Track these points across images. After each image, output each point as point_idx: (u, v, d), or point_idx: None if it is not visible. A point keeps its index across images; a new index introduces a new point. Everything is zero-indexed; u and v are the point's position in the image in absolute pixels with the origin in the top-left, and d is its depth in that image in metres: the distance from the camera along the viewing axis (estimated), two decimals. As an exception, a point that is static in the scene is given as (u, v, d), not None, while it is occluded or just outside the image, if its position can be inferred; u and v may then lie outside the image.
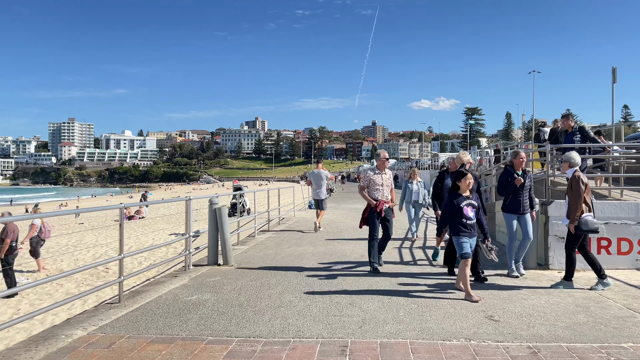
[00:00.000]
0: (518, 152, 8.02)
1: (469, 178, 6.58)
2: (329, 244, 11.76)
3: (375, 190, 8.45)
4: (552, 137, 21.25)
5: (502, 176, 8.00)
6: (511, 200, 7.91)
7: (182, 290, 7.07)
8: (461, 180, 6.60)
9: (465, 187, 6.59)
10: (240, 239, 12.35)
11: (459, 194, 6.62)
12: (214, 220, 8.98)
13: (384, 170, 8.59)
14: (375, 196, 8.44)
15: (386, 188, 8.55)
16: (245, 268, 8.70)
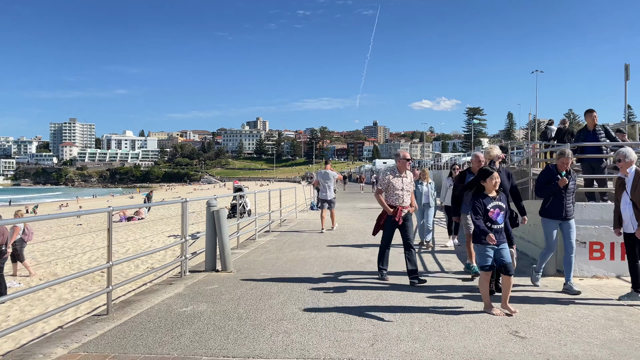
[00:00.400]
0: (564, 152, 7.04)
1: (495, 177, 5.81)
2: (333, 247, 11.24)
3: (393, 196, 7.57)
4: (558, 137, 20.78)
5: (543, 176, 7.20)
6: (552, 203, 7.00)
7: (176, 299, 6.54)
8: (487, 179, 5.83)
9: (492, 187, 5.83)
10: (240, 241, 11.83)
11: (484, 194, 5.85)
12: (212, 223, 8.46)
13: (404, 173, 7.68)
14: (393, 202, 7.56)
15: (406, 194, 7.63)
16: (245, 274, 8.18)
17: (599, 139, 9.66)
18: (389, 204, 7.57)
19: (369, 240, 12.22)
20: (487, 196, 5.82)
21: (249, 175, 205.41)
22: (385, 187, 7.64)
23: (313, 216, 19.46)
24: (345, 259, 9.59)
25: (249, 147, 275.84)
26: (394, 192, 7.58)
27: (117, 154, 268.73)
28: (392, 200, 7.57)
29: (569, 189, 6.95)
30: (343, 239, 12.53)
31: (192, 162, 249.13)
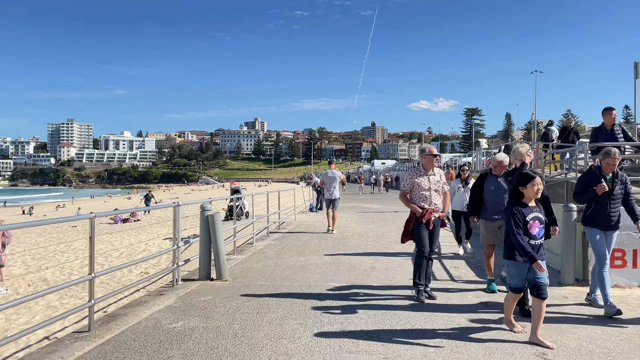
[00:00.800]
0: (610, 151, 6.16)
1: (537, 183, 4.83)
2: (334, 253, 10.69)
3: (419, 197, 6.69)
4: (563, 135, 20.28)
5: (583, 179, 6.42)
6: (594, 210, 6.25)
7: (166, 313, 6.00)
8: (527, 185, 4.85)
9: (533, 195, 4.86)
10: (237, 246, 11.29)
11: (523, 202, 4.89)
12: (206, 228, 7.91)
13: (431, 171, 6.79)
14: (421, 203, 6.68)
15: (435, 194, 6.72)
16: (242, 283, 7.63)
17: (617, 139, 9.15)
18: (417, 206, 6.70)
19: (371, 245, 11.70)
20: (526, 205, 4.88)
21: (247, 176, 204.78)
22: (409, 187, 6.76)
23: (312, 218, 18.94)
24: (347, 266, 9.05)
25: (247, 148, 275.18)
26: (420, 192, 6.69)
27: (115, 155, 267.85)
28: (419, 202, 6.70)
29: (615, 194, 6.14)
30: (344, 244, 12.00)
31: (190, 163, 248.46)
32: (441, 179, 6.86)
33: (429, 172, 6.78)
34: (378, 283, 7.63)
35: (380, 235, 13.53)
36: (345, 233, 14.10)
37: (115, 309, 6.73)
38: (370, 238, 13.03)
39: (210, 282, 7.72)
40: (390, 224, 16.59)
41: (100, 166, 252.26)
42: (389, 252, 10.70)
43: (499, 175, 7.05)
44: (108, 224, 29.81)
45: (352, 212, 21.80)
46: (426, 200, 6.67)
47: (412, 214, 6.73)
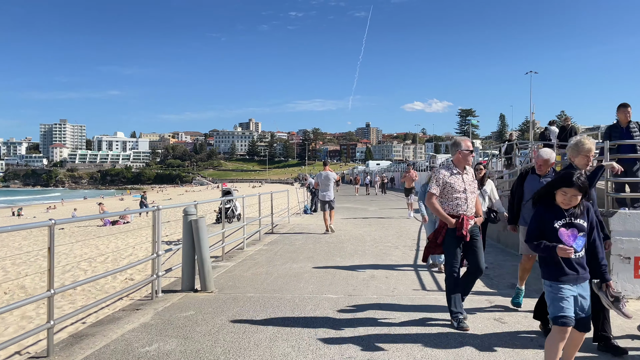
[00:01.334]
0: None
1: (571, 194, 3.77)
2: (330, 258, 9.99)
3: (452, 201, 5.50)
4: (562, 135, 19.68)
5: None
6: None
7: (139, 333, 5.27)
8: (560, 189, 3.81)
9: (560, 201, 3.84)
10: (226, 251, 10.56)
11: (555, 204, 3.86)
12: (189, 235, 7.18)
13: (465, 169, 5.66)
14: (454, 209, 5.49)
15: (470, 196, 5.57)
16: (228, 295, 6.91)
17: (633, 137, 8.50)
18: (449, 213, 5.51)
19: (369, 250, 11.00)
20: (558, 208, 3.86)
21: (241, 177, 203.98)
22: (440, 188, 5.54)
23: (307, 221, 18.23)
24: (344, 274, 8.34)
25: (242, 149, 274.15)
26: (453, 195, 5.50)
27: (108, 156, 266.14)
28: (450, 208, 5.51)
29: None
30: (340, 249, 11.29)
31: (184, 164, 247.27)
32: (474, 180, 5.78)
33: (462, 170, 5.61)
34: (379, 294, 6.93)
35: (377, 240, 12.84)
36: (341, 237, 13.40)
37: (85, 326, 6.00)
38: (367, 242, 12.33)
39: (193, 294, 7.00)
40: (387, 227, 15.90)
41: (93, 167, 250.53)
42: (388, 258, 10.00)
43: (542, 176, 5.96)
44: (97, 227, 28.99)
45: (348, 214, 21.10)
46: (461, 205, 5.49)
47: (442, 224, 5.52)
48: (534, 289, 7.32)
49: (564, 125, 19.99)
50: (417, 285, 7.53)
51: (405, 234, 14.04)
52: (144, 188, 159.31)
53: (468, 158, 5.60)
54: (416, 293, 7.02)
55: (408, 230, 14.79)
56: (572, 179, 3.75)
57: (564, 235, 3.83)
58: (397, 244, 11.93)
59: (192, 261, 7.19)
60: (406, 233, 14.19)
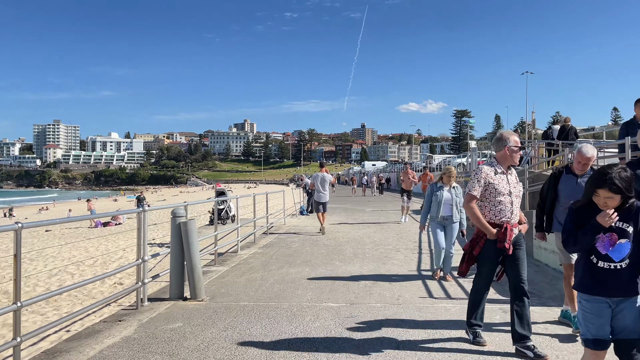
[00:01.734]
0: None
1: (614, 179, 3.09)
2: (329, 262, 9.47)
3: (495, 206, 4.63)
4: (562, 135, 19.25)
5: None
6: None
7: (120, 349, 4.72)
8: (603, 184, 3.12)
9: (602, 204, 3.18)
10: (218, 255, 10.02)
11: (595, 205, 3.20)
12: (178, 238, 6.64)
13: (509, 169, 4.80)
14: (497, 216, 4.61)
15: (515, 200, 4.70)
16: (220, 304, 6.37)
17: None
18: (490, 220, 4.64)
19: (369, 253, 10.47)
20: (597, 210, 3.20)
21: (236, 178, 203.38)
22: (481, 190, 4.65)
23: (303, 222, 17.70)
24: (344, 281, 7.81)
25: (237, 149, 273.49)
26: (496, 198, 4.61)
27: (102, 156, 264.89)
28: (492, 214, 4.63)
29: None
30: (339, 252, 10.76)
31: (178, 165, 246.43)
32: (519, 180, 4.90)
33: (506, 169, 4.75)
34: (383, 302, 6.41)
35: (377, 242, 12.32)
36: (339, 239, 12.87)
37: (60, 341, 5.45)
38: (367, 245, 11.82)
39: (182, 303, 6.45)
40: (386, 228, 15.39)
41: (87, 168, 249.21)
42: (390, 262, 9.48)
43: (580, 175, 5.27)
44: (88, 228, 28.35)
45: (345, 215, 20.58)
46: (505, 211, 4.61)
47: (480, 232, 4.67)
48: (548, 296, 6.83)
49: (564, 125, 19.56)
50: (424, 292, 7.01)
51: (406, 235, 13.54)
52: (138, 189, 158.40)
53: (515, 156, 4.71)
54: (423, 301, 6.51)
55: (408, 232, 14.29)
56: (603, 178, 3.12)
57: (598, 241, 3.21)
58: (398, 247, 11.42)
59: (181, 267, 6.65)
60: (406, 235, 13.68)
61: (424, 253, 10.50)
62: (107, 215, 6.72)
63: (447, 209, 8.06)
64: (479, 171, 4.72)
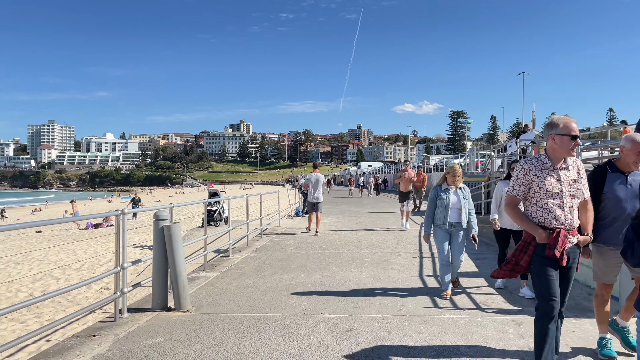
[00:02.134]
0: None
1: None
2: (325, 267, 8.93)
3: (543, 208, 3.77)
4: None
5: None
6: None
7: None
8: None
9: None
10: (208, 259, 9.48)
11: None
12: (161, 244, 6.09)
13: (563, 162, 3.85)
14: (546, 220, 3.75)
15: (570, 201, 3.81)
16: (207, 315, 5.83)
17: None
18: (543, 222, 3.76)
19: (368, 257, 9.94)
20: None
21: (232, 179, 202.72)
22: (524, 189, 3.84)
23: (299, 224, 17.15)
24: (342, 288, 7.28)
25: (232, 150, 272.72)
26: (543, 200, 3.76)
27: (97, 157, 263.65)
28: (542, 217, 3.76)
29: None
30: (336, 255, 10.23)
31: (174, 165, 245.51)
32: (582, 178, 3.92)
33: (557, 164, 3.82)
34: (385, 313, 5.87)
35: (376, 245, 11.80)
36: (336, 242, 12.34)
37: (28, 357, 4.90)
38: (365, 248, 11.29)
39: (165, 314, 5.90)
40: (385, 230, 14.87)
41: (82, 168, 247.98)
42: (390, 267, 8.95)
43: (628, 173, 4.43)
44: (79, 230, 27.73)
45: (342, 216, 20.06)
46: (556, 214, 3.73)
47: (528, 237, 3.82)
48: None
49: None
50: (428, 302, 6.48)
51: (405, 238, 13.02)
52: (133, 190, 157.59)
53: (566, 145, 3.73)
54: (428, 312, 5.98)
55: (407, 234, 13.78)
56: None
57: None
58: (397, 250, 10.90)
59: (164, 275, 6.10)
60: (405, 237, 13.17)
61: (425, 257, 9.99)
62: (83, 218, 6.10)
63: (454, 215, 6.94)
64: (519, 166, 3.90)
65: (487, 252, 10.68)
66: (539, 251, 3.73)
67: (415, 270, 8.63)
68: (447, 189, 7.06)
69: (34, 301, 4.68)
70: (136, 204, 37.20)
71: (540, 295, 3.74)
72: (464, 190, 7.09)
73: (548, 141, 3.84)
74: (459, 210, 6.95)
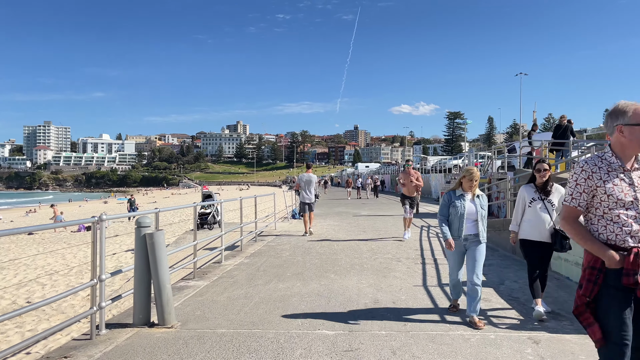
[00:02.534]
0: None
1: None
2: (323, 275, 8.41)
3: (614, 221, 2.89)
4: (558, 133, 18.32)
5: None
6: None
7: (54, 402, 3.66)
8: None
9: None
10: (199, 266, 8.96)
11: None
12: (143, 253, 5.56)
13: (636, 160, 2.99)
14: (618, 238, 2.87)
15: None
16: (193, 331, 5.30)
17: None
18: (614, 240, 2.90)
19: (367, 264, 9.41)
20: None
21: (229, 180, 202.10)
22: (587, 197, 2.99)
23: (295, 227, 16.62)
24: (342, 299, 6.76)
25: (229, 151, 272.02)
26: (614, 211, 2.90)
27: (94, 158, 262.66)
28: (612, 234, 2.90)
29: None
30: (334, 262, 9.71)
31: (170, 166, 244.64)
32: None
33: (629, 163, 2.97)
34: (388, 329, 5.36)
35: (375, 250, 11.29)
36: (334, 247, 11.81)
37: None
38: (364, 253, 10.78)
39: (147, 331, 5.37)
40: (384, 235, 14.35)
41: (78, 169, 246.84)
42: (392, 274, 8.43)
43: None
44: (71, 233, 27.14)
45: (339, 219, 19.53)
46: (631, 228, 2.86)
47: (595, 261, 2.91)
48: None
49: (559, 123, 18.60)
50: (435, 315, 5.96)
51: (405, 243, 12.51)
52: (129, 191, 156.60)
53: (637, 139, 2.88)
54: (435, 327, 5.46)
55: (409, 239, 13.26)
56: None
57: None
58: (398, 256, 10.38)
59: (146, 287, 5.56)
60: (406, 242, 12.65)
61: (427, 263, 9.48)
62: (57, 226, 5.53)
63: (470, 226, 5.78)
64: (577, 168, 3.00)
65: (491, 257, 10.18)
66: (611, 280, 2.82)
67: (419, 278, 8.11)
68: (463, 195, 5.85)
69: (14, 314, 4.15)
70: (133, 205, 36.49)
71: (608, 336, 2.83)
72: (481, 199, 5.86)
73: (614, 134, 2.97)
74: (475, 222, 5.79)
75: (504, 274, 8.49)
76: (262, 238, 13.66)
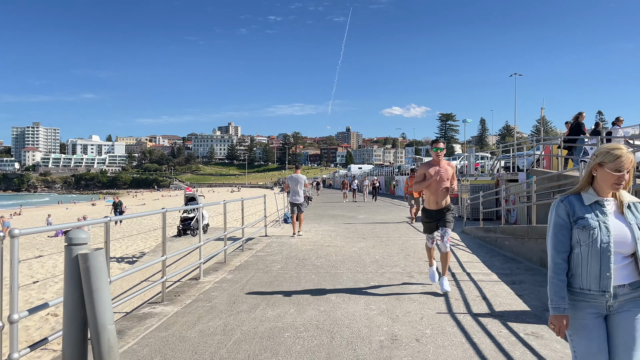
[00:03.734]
0: None
1: None
2: (321, 297, 6.85)
3: None
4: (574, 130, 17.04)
5: None
6: None
7: None
8: None
9: None
10: (169, 286, 7.39)
11: None
12: (75, 281, 3.98)
13: None
14: None
15: None
16: (144, 393, 3.75)
17: None
18: None
19: (374, 279, 7.84)
20: None
21: (221, 181, 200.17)
22: None
23: (288, 232, 15.04)
24: (349, 334, 5.20)
25: (221, 153, 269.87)
26: None
27: (83, 160, 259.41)
28: None
29: None
30: (334, 278, 8.15)
31: (161, 168, 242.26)
32: None
33: None
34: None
35: (380, 261, 9.76)
36: (332, 257, 10.26)
37: None
38: (368, 266, 9.23)
39: (77, 393, 3.80)
40: (386, 241, 12.85)
41: (68, 171, 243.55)
42: (405, 295, 6.89)
43: None
44: (47, 238, 25.44)
45: (335, 224, 17.98)
46: None
47: None
48: None
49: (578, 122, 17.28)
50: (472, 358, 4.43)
51: (413, 252, 10.99)
52: (119, 192, 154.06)
53: None
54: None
55: (414, 246, 11.76)
56: None
57: None
58: (408, 270, 8.85)
59: (80, 328, 3.98)
60: (413, 251, 11.14)
61: (445, 280, 7.94)
62: None
63: (624, 269, 2.74)
64: None
65: (517, 271, 8.70)
66: None
67: (441, 302, 6.55)
68: (601, 203, 2.83)
69: None
70: (117, 209, 34.27)
71: None
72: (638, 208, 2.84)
73: None
74: (632, 260, 2.75)
75: (542, 294, 6.97)
76: (250, 246, 12.08)
